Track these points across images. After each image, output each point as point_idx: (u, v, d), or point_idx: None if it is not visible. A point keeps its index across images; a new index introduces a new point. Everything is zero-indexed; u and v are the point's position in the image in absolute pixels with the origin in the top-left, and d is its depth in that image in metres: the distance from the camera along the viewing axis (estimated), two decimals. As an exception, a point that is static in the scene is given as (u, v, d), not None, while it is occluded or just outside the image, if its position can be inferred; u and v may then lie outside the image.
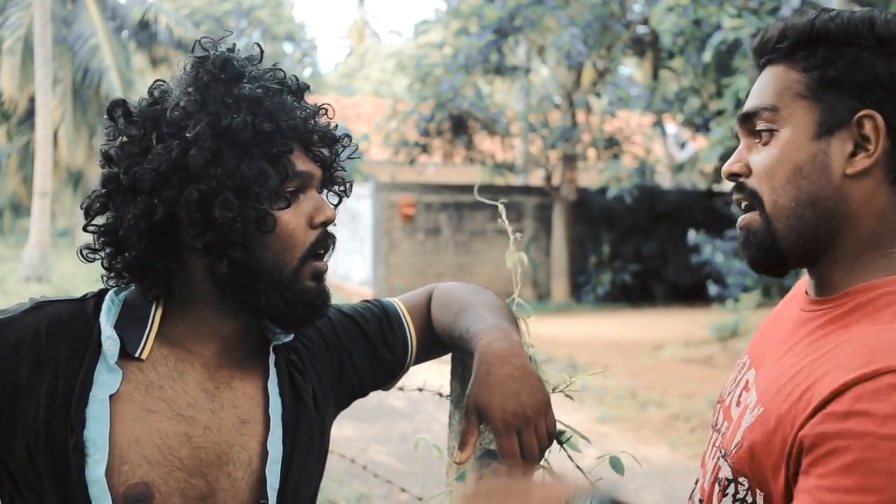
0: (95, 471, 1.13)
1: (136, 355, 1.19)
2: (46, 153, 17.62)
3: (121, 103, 1.23)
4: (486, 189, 15.33)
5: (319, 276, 1.25)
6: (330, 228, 1.27)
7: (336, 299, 1.50)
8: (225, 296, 1.22)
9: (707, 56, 10.64)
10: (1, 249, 27.30)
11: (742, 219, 1.17)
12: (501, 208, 1.58)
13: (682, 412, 7.95)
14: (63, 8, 21.33)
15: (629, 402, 8.54)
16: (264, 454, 1.24)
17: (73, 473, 1.13)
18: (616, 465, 1.38)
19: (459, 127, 16.35)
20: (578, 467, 1.41)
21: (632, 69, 23.63)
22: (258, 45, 1.29)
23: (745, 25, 10.27)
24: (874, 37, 1.08)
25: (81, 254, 1.25)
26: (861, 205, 1.09)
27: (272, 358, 1.29)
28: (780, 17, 10.26)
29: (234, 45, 1.25)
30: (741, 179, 1.17)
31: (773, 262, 1.16)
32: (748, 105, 1.18)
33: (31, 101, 19.93)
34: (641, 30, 16.06)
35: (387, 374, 1.45)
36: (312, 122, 1.26)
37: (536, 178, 17.80)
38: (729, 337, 11.70)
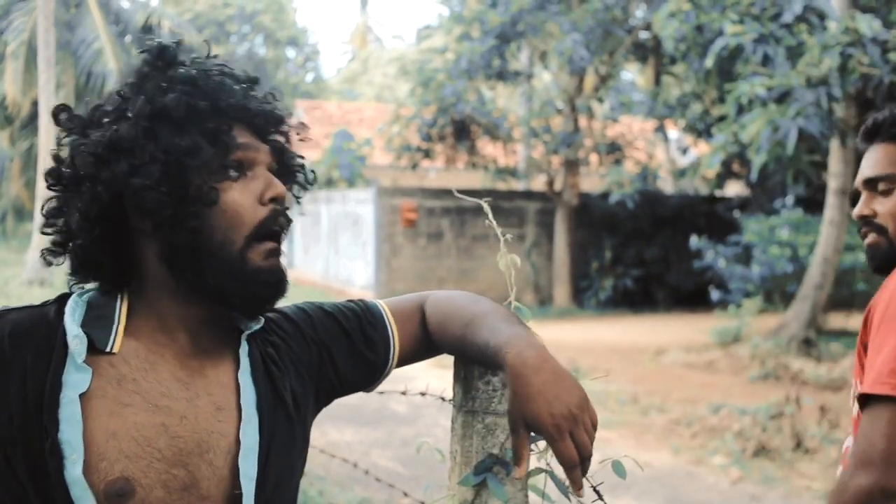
0: (73, 471, 1.12)
1: (108, 350, 1.18)
2: (49, 157, 17.63)
3: (64, 107, 1.24)
4: (488, 194, 15.33)
5: (272, 253, 1.24)
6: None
7: (339, 303, 1.49)
8: (180, 282, 1.21)
9: (709, 62, 10.64)
10: (4, 253, 27.31)
11: (869, 239, 1.73)
12: (487, 208, 1.57)
13: (683, 417, 7.95)
14: (66, 12, 21.37)
15: (631, 407, 8.54)
16: (240, 442, 1.23)
17: (53, 476, 1.12)
18: (618, 469, 1.39)
19: (462, 132, 16.36)
20: (580, 471, 1.42)
21: (634, 75, 23.65)
22: (206, 41, 1.31)
23: (746, 31, 10.28)
24: None
25: (43, 256, 1.25)
26: None
27: (244, 348, 1.29)
28: (781, 23, 10.27)
29: (181, 40, 1.26)
30: (870, 219, 1.72)
31: (890, 268, 1.67)
32: (869, 173, 1.73)
33: (35, 105, 19.96)
34: (643, 35, 16.08)
35: (366, 373, 1.43)
36: (256, 103, 1.26)
37: (538, 184, 17.81)
38: (731, 342, 11.69)
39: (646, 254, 17.00)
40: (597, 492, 1.36)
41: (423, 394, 1.84)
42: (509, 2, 15.41)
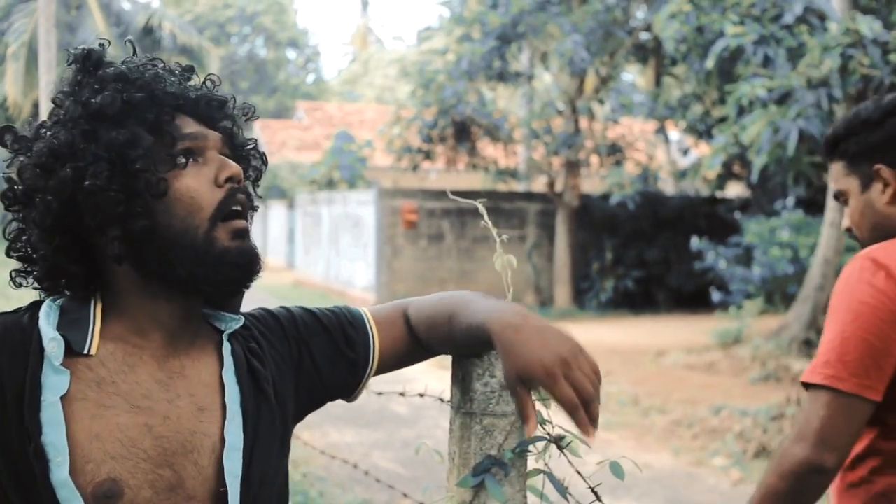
0: (59, 473, 1.11)
1: (85, 352, 1.18)
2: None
3: (8, 129, 1.24)
4: (489, 195, 15.35)
5: (239, 234, 1.23)
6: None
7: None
8: (148, 279, 1.21)
9: (710, 63, 10.65)
10: (4, 255, 27.28)
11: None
12: (482, 209, 1.57)
13: (684, 419, 7.95)
14: (67, 14, 21.40)
15: (632, 408, 8.54)
16: (224, 441, 1.23)
17: (39, 480, 1.11)
18: (616, 470, 1.39)
19: (462, 133, 16.36)
20: (579, 472, 1.42)
21: (635, 76, 23.66)
22: (130, 41, 1.32)
23: (747, 33, 10.28)
24: (863, 123, 1.84)
25: (12, 278, 1.25)
26: None
27: (226, 347, 1.28)
28: (782, 24, 10.28)
29: (104, 43, 1.27)
30: (849, 229, 1.94)
31: None
32: (833, 191, 1.97)
33: (35, 106, 19.96)
34: (644, 37, 16.09)
35: (347, 372, 1.42)
36: (194, 90, 1.26)
37: (539, 185, 17.82)
38: (731, 343, 11.69)
39: (646, 255, 17.00)
40: (595, 493, 1.36)
41: (421, 395, 1.84)
42: (510, 3, 15.42)
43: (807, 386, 1.71)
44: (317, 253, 21.39)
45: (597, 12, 14.84)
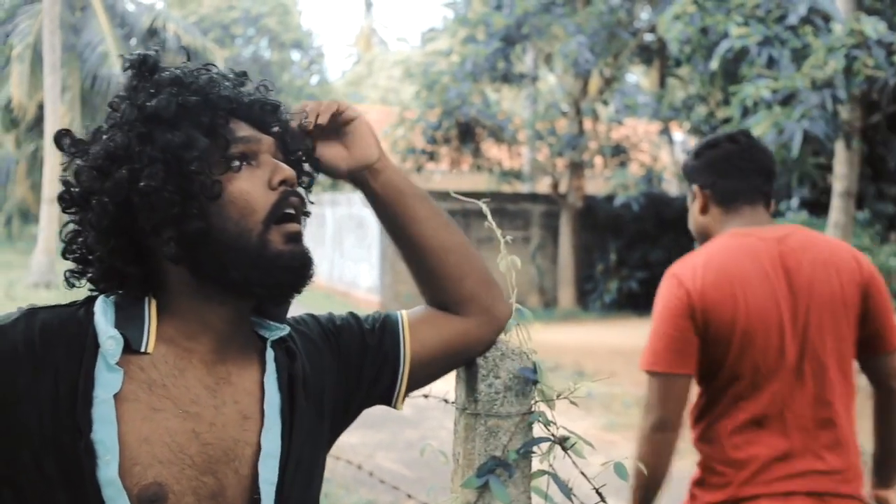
0: (108, 472, 1.12)
1: (143, 350, 1.18)
2: (55, 160, 17.70)
3: (65, 132, 1.25)
4: (493, 196, 15.35)
5: (292, 237, 1.23)
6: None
7: (342, 306, 1.50)
8: (202, 281, 1.21)
9: (714, 64, 10.63)
10: (9, 256, 27.40)
11: None
12: (486, 209, 1.58)
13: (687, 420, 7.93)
14: (72, 15, 21.45)
15: (636, 409, 8.53)
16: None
17: (86, 477, 1.11)
18: (619, 471, 1.39)
19: (466, 134, 16.36)
20: (583, 473, 1.42)
21: (639, 77, 23.65)
22: (185, 48, 1.35)
23: (751, 34, 10.27)
24: (693, 154, 2.45)
25: (66, 279, 1.26)
26: (710, 223, 2.38)
27: (270, 353, 1.28)
28: (786, 25, 10.27)
29: (158, 49, 1.29)
30: None
31: None
32: None
33: (40, 108, 20.04)
34: (648, 38, 16.08)
35: (378, 363, 1.41)
36: (247, 94, 1.27)
37: (543, 186, 17.82)
38: (736, 345, 11.66)
39: (650, 256, 16.98)
40: (599, 494, 1.36)
41: (426, 396, 1.85)
42: (514, 4, 15.42)
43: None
44: (321, 254, 21.39)
45: (601, 13, 14.84)
